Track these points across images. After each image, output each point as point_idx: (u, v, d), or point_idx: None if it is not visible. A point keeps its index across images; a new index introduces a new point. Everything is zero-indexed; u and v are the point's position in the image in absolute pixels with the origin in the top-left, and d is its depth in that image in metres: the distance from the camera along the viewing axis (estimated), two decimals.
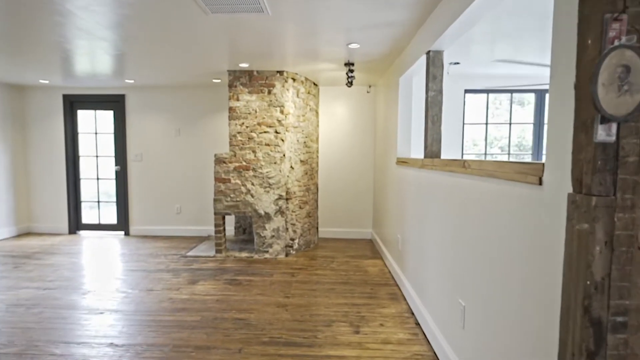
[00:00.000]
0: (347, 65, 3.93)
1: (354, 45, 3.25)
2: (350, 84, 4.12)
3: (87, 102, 5.49)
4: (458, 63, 3.81)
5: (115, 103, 5.43)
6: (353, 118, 5.23)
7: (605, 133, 0.91)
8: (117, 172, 5.50)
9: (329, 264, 4.10)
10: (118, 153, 5.49)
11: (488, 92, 4.65)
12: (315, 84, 4.98)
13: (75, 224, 5.61)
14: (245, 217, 4.91)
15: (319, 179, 5.30)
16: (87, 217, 5.66)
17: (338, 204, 5.32)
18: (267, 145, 4.30)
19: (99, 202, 5.64)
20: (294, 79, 4.41)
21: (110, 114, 5.48)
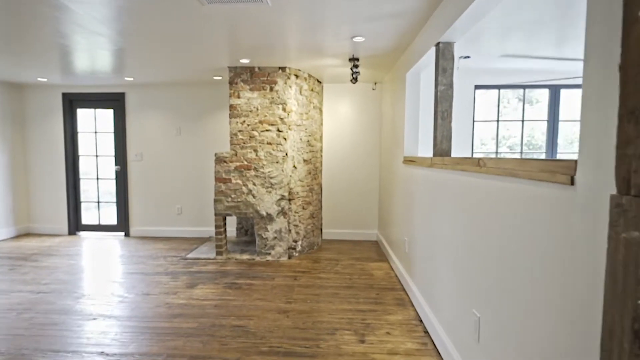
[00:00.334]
0: (351, 61, 3.78)
1: (359, 39, 3.10)
2: (355, 80, 3.96)
3: (86, 100, 5.39)
4: (469, 57, 3.63)
5: (115, 101, 5.32)
6: (358, 116, 5.07)
7: None
8: (117, 172, 5.40)
9: (333, 267, 3.95)
10: (118, 152, 5.38)
11: (500, 87, 4.46)
12: (319, 81, 4.83)
13: (75, 225, 5.51)
14: (247, 218, 4.77)
15: (323, 179, 5.14)
16: (86, 217, 5.57)
17: (342, 205, 5.16)
18: (269, 144, 4.15)
19: (99, 202, 5.54)
20: (297, 76, 4.26)
21: (110, 113, 5.38)
